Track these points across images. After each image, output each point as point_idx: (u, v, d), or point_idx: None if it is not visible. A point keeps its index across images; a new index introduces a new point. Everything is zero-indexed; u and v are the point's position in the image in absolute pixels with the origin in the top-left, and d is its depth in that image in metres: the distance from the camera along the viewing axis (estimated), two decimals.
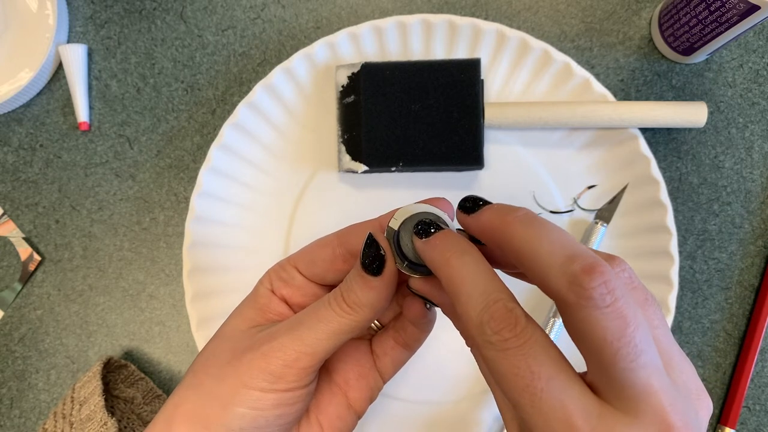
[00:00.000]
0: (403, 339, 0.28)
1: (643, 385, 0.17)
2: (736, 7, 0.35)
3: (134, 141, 0.44)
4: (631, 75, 0.43)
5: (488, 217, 0.21)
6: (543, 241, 0.18)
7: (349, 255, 0.26)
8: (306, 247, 0.28)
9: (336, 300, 0.24)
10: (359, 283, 0.24)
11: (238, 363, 0.24)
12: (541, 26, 0.43)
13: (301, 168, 0.42)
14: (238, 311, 0.27)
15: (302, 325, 0.24)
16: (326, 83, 0.42)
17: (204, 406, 0.24)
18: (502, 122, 0.40)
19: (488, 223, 0.21)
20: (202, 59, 0.44)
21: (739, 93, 0.43)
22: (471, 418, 0.40)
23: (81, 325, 0.42)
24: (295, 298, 0.27)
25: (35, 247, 0.43)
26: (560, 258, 0.18)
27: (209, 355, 0.26)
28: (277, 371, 0.24)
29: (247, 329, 0.26)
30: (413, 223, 0.23)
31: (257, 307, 0.27)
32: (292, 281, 0.27)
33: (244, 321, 0.27)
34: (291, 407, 0.24)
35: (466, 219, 0.22)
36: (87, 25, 0.44)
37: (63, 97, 0.44)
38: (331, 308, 0.24)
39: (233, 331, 0.26)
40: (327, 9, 0.44)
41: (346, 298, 0.24)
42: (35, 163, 0.43)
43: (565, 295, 0.17)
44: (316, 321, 0.24)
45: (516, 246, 0.19)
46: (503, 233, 0.20)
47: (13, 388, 0.42)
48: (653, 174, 0.39)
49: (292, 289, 0.27)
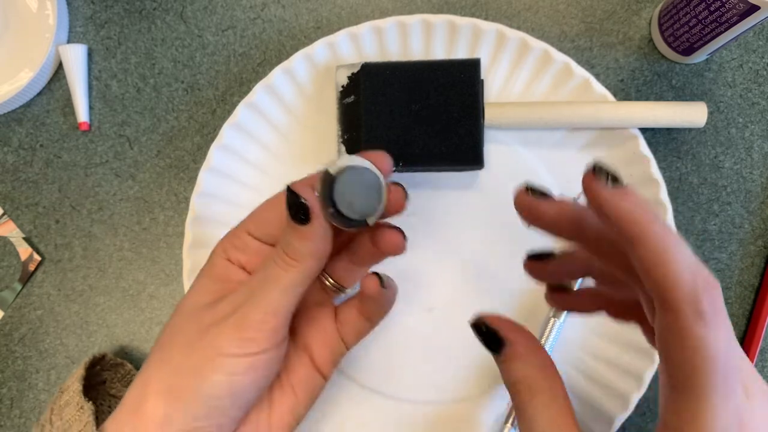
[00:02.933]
0: (366, 311, 0.29)
1: None
2: (736, 7, 0.35)
3: (134, 141, 0.44)
4: (631, 75, 0.43)
5: (632, 206, 0.19)
6: (678, 251, 0.18)
7: None
8: (255, 210, 0.28)
9: (279, 256, 0.25)
10: (293, 234, 0.24)
11: (206, 334, 0.25)
12: (541, 26, 0.43)
13: (301, 168, 0.42)
14: (197, 285, 0.28)
15: (258, 288, 0.25)
16: (326, 83, 0.42)
17: (177, 378, 0.24)
18: (502, 122, 0.40)
19: (628, 212, 0.19)
20: (202, 59, 0.44)
21: (739, 93, 0.43)
22: (471, 418, 0.40)
23: (81, 325, 0.42)
24: (252, 264, 0.28)
25: (35, 247, 0.43)
26: (688, 274, 0.18)
27: (174, 331, 0.26)
28: (247, 335, 0.24)
29: (210, 302, 0.26)
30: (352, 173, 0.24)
31: (215, 279, 0.27)
32: (246, 248, 0.28)
33: (205, 294, 0.27)
34: (264, 371, 0.25)
35: (604, 191, 0.20)
36: (87, 25, 0.44)
37: (63, 97, 0.44)
38: (277, 265, 0.25)
39: (195, 306, 0.27)
40: (327, 9, 0.44)
41: (287, 252, 0.25)
42: (35, 163, 0.43)
43: (685, 310, 0.18)
44: (267, 282, 0.25)
45: (650, 247, 0.18)
46: (641, 229, 0.19)
47: (13, 388, 0.42)
48: (653, 174, 0.39)
49: (248, 255, 0.28)
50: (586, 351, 0.40)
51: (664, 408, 0.19)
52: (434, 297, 0.41)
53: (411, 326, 0.40)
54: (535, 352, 0.23)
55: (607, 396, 0.38)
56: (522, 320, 0.43)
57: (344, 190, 0.24)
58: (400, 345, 0.40)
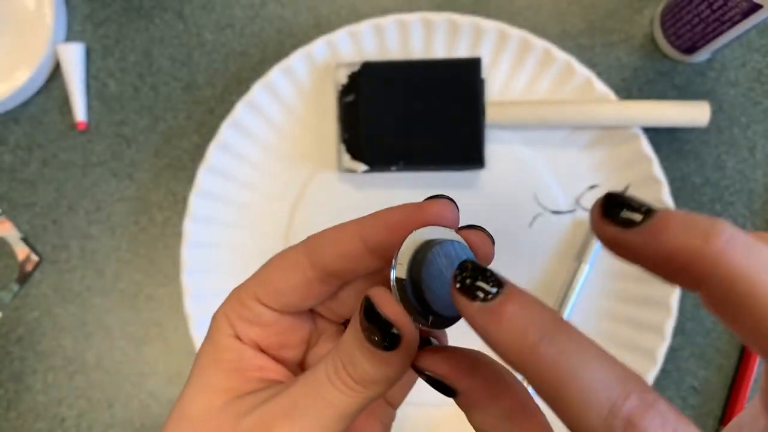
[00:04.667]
0: None
1: None
2: (739, 6, 0.34)
3: (132, 140, 0.43)
4: (633, 74, 0.43)
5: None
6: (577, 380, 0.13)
7: (326, 275, 0.20)
8: (264, 270, 0.21)
9: (339, 376, 0.18)
10: (367, 357, 0.18)
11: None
12: (543, 25, 0.43)
13: (301, 167, 0.42)
14: (203, 380, 0.20)
15: (300, 410, 0.18)
16: (326, 82, 0.41)
17: None
18: (503, 121, 0.40)
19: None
20: (201, 58, 0.44)
21: (742, 92, 0.42)
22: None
23: (78, 326, 0.42)
24: (269, 339, 0.21)
25: (33, 247, 0.43)
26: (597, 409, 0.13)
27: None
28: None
29: (224, 405, 0.20)
30: (436, 257, 0.17)
31: (227, 369, 0.20)
32: (258, 319, 0.21)
33: (216, 394, 0.20)
34: None
35: (469, 310, 0.15)
36: (85, 24, 0.44)
37: (60, 97, 0.43)
38: (334, 387, 0.18)
39: (205, 413, 0.20)
40: (326, 7, 0.44)
41: (352, 374, 0.18)
42: (32, 163, 0.43)
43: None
44: (318, 406, 0.18)
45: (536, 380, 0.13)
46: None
47: (10, 390, 0.42)
48: (655, 174, 0.39)
49: (261, 328, 0.21)
50: None
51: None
52: None
53: None
54: (501, 394, 0.17)
55: None
56: None
57: (431, 280, 0.17)
58: None
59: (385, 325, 0.17)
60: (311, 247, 0.20)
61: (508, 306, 0.14)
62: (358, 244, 0.19)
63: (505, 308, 0.14)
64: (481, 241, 0.19)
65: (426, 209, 0.19)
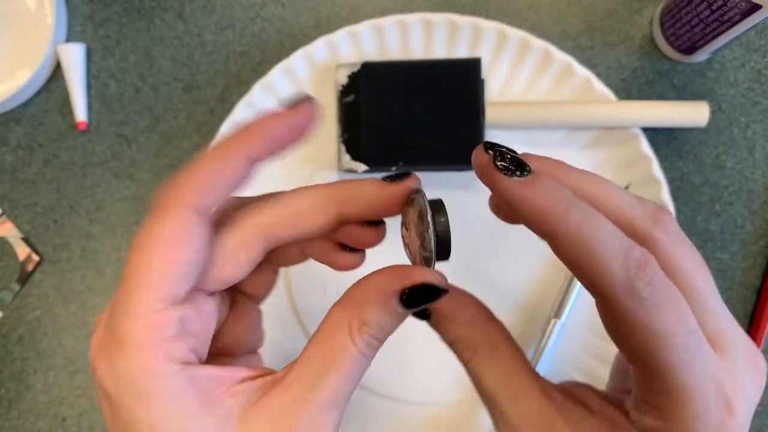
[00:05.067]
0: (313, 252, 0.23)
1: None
2: (738, 6, 0.34)
3: (133, 141, 0.43)
4: (632, 74, 0.43)
5: (539, 199, 0.17)
6: (601, 238, 0.16)
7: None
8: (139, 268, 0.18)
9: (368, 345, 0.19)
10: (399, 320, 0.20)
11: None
12: (542, 25, 0.43)
13: (301, 167, 0.42)
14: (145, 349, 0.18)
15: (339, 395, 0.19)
16: (326, 82, 0.41)
17: None
18: (503, 122, 0.40)
19: (537, 208, 0.17)
20: (201, 58, 0.44)
21: (741, 92, 0.43)
22: (471, 419, 0.40)
23: (79, 326, 0.42)
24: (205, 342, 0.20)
25: (33, 247, 0.43)
26: (616, 260, 0.16)
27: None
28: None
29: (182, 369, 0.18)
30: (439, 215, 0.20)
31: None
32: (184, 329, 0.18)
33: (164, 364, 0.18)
34: None
35: (506, 183, 0.17)
36: (85, 25, 0.44)
37: (61, 97, 0.44)
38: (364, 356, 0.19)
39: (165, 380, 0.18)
40: (327, 8, 0.44)
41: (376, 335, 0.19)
42: (33, 163, 0.43)
43: (620, 297, 0.16)
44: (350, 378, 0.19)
45: (568, 243, 0.17)
46: (555, 225, 0.17)
47: (11, 390, 0.42)
48: (655, 174, 0.39)
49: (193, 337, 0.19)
50: (587, 351, 0.40)
51: (637, 387, 0.18)
52: None
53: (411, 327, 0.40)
54: (463, 307, 0.21)
55: None
56: (522, 321, 0.43)
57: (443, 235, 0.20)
58: (400, 346, 0.40)
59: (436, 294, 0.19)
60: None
61: (542, 180, 0.17)
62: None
63: (540, 181, 0.17)
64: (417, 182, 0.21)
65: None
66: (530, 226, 0.18)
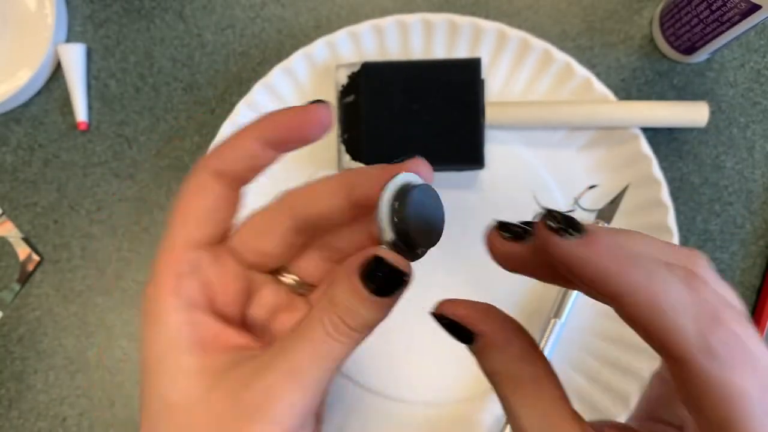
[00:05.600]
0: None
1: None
2: (738, 7, 0.34)
3: (133, 141, 0.43)
4: (632, 74, 0.43)
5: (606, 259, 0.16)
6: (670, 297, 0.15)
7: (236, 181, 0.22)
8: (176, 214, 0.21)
9: (338, 330, 0.19)
10: (368, 306, 0.19)
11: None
12: (542, 25, 0.43)
13: (301, 168, 0.42)
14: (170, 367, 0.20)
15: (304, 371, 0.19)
16: (326, 83, 0.41)
17: None
18: (502, 122, 0.40)
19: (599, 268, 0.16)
20: (201, 58, 0.44)
21: (741, 93, 0.43)
22: (471, 419, 0.40)
23: (80, 325, 0.42)
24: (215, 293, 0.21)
25: (34, 247, 0.43)
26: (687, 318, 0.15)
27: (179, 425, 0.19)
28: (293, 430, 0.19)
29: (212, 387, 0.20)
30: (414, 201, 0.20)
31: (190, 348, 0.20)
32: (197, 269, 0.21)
33: (195, 379, 0.20)
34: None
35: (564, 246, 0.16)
36: (86, 25, 0.44)
37: (62, 97, 0.44)
38: (335, 341, 0.19)
39: (193, 400, 0.19)
40: (327, 8, 0.44)
41: (351, 324, 0.19)
42: (34, 163, 0.43)
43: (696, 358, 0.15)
44: (318, 362, 0.19)
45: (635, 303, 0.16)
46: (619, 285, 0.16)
47: (11, 389, 0.42)
48: (654, 174, 0.39)
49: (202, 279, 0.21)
50: (587, 351, 0.40)
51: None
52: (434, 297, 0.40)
53: (411, 327, 0.40)
54: (512, 338, 0.19)
55: (607, 396, 0.38)
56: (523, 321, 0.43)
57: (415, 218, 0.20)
58: (400, 346, 0.40)
59: (394, 274, 0.19)
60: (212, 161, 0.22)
61: (601, 238, 0.16)
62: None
63: (599, 239, 0.16)
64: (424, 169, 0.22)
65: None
66: (590, 287, 0.17)
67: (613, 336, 0.39)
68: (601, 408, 0.38)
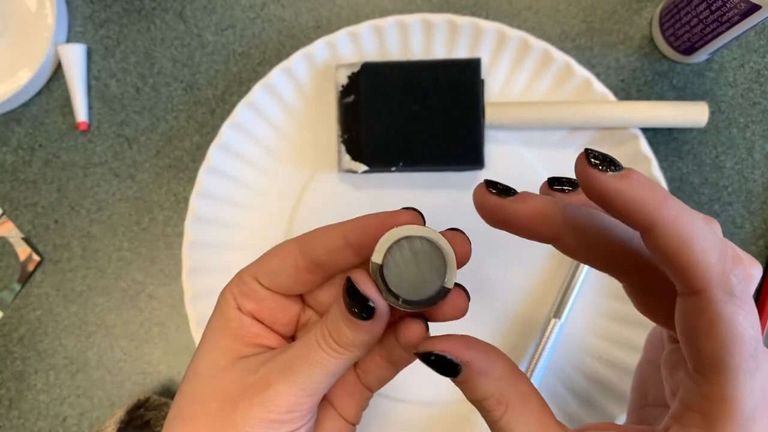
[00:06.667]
0: (395, 358, 0.26)
1: None
2: (738, 7, 0.34)
3: (133, 141, 0.43)
4: (631, 75, 0.43)
5: (639, 191, 0.17)
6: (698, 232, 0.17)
7: (313, 265, 0.24)
8: (264, 255, 0.25)
9: (326, 341, 0.22)
10: (347, 325, 0.22)
11: (232, 413, 0.22)
12: (542, 26, 0.43)
13: (301, 168, 0.42)
14: (212, 342, 0.25)
15: (296, 368, 0.22)
16: (326, 83, 0.41)
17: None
18: (502, 122, 0.40)
19: (638, 199, 0.17)
20: (202, 59, 0.44)
21: (741, 93, 0.43)
22: (471, 419, 0.40)
23: (80, 325, 0.42)
24: (262, 313, 0.25)
25: (34, 247, 0.43)
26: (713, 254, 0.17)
27: (194, 399, 0.23)
28: (278, 418, 0.22)
29: (230, 364, 0.24)
30: (405, 250, 0.21)
31: (231, 334, 0.25)
32: (254, 294, 0.25)
33: (223, 354, 0.24)
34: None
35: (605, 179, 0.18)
36: (86, 25, 0.44)
37: (62, 97, 0.44)
38: (322, 350, 0.22)
39: (214, 369, 0.24)
40: (327, 8, 0.44)
41: (336, 339, 0.22)
42: (34, 163, 0.43)
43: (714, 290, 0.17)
44: (309, 365, 0.22)
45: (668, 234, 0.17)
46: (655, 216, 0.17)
47: (12, 389, 0.42)
48: (654, 174, 0.39)
49: (256, 302, 0.25)
50: (586, 351, 0.40)
51: (687, 391, 0.19)
52: None
53: None
54: (495, 362, 0.21)
55: (607, 396, 0.38)
56: (523, 320, 0.43)
57: (398, 265, 0.21)
58: None
59: (362, 299, 0.21)
60: (303, 240, 0.24)
61: (636, 173, 0.18)
62: (341, 240, 0.23)
63: (634, 174, 0.18)
64: (459, 239, 0.22)
65: (397, 216, 0.22)
66: (626, 217, 0.18)
67: (613, 336, 0.39)
68: (600, 408, 0.38)
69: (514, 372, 0.21)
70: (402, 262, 0.21)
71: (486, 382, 0.20)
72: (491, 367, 0.21)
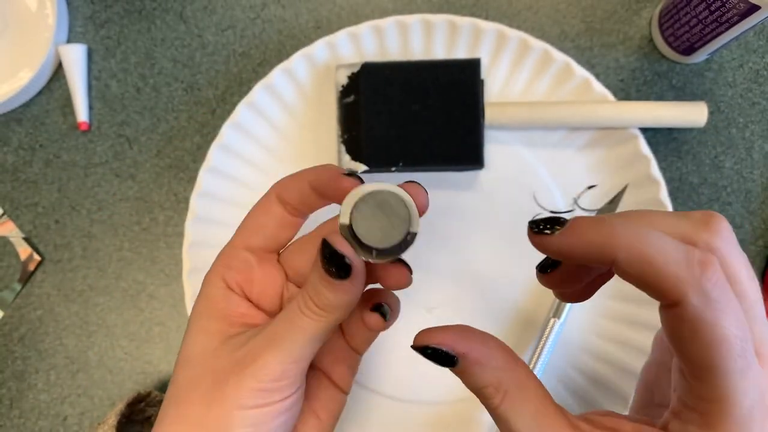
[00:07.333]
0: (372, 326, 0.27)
1: None
2: (737, 7, 0.35)
3: (134, 141, 0.43)
4: (631, 75, 0.43)
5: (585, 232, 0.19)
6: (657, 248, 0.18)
7: (291, 208, 0.26)
8: (247, 217, 0.27)
9: (307, 306, 0.23)
10: (325, 286, 0.22)
11: (223, 386, 0.23)
12: (542, 26, 0.43)
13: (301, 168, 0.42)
14: (198, 326, 0.26)
15: (280, 337, 0.23)
16: (326, 83, 0.42)
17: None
18: (502, 122, 0.40)
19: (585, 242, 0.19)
20: (202, 59, 0.44)
21: (740, 93, 0.43)
22: (471, 419, 0.40)
23: (81, 325, 0.42)
24: (250, 285, 0.26)
25: (35, 247, 0.43)
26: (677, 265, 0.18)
27: (187, 383, 0.24)
28: (269, 386, 0.23)
29: (219, 346, 0.25)
30: (369, 205, 0.22)
31: (217, 316, 0.25)
32: (244, 264, 0.26)
33: (211, 337, 0.25)
34: (288, 414, 0.24)
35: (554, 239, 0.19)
36: (87, 25, 0.44)
37: (63, 97, 0.44)
38: (304, 315, 0.23)
39: (204, 353, 0.25)
40: (327, 9, 0.44)
41: (317, 303, 0.23)
42: (35, 163, 0.43)
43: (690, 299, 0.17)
44: (293, 331, 0.23)
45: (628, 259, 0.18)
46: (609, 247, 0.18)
47: (12, 389, 0.42)
48: (653, 174, 0.39)
49: (245, 273, 0.26)
50: (586, 351, 0.40)
51: (683, 394, 0.19)
52: (434, 297, 0.41)
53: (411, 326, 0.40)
54: (493, 351, 0.21)
55: (607, 396, 0.38)
56: (522, 319, 0.43)
57: (365, 219, 0.22)
58: (401, 345, 0.40)
59: (338, 257, 0.22)
60: (278, 191, 0.26)
61: (577, 221, 0.19)
62: (306, 186, 0.25)
63: (576, 223, 0.19)
64: (417, 190, 0.23)
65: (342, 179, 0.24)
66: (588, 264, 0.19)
67: (613, 336, 0.40)
68: (600, 408, 0.38)
69: (512, 360, 0.21)
70: (369, 215, 0.22)
71: (484, 371, 0.21)
72: (489, 356, 0.21)
